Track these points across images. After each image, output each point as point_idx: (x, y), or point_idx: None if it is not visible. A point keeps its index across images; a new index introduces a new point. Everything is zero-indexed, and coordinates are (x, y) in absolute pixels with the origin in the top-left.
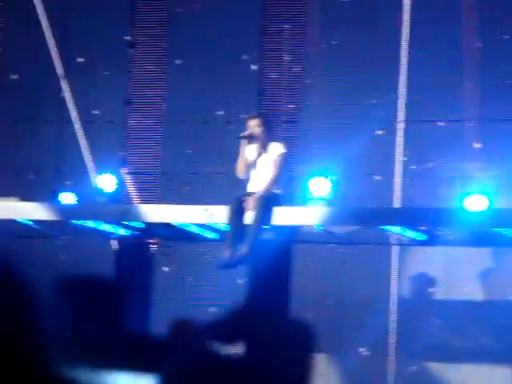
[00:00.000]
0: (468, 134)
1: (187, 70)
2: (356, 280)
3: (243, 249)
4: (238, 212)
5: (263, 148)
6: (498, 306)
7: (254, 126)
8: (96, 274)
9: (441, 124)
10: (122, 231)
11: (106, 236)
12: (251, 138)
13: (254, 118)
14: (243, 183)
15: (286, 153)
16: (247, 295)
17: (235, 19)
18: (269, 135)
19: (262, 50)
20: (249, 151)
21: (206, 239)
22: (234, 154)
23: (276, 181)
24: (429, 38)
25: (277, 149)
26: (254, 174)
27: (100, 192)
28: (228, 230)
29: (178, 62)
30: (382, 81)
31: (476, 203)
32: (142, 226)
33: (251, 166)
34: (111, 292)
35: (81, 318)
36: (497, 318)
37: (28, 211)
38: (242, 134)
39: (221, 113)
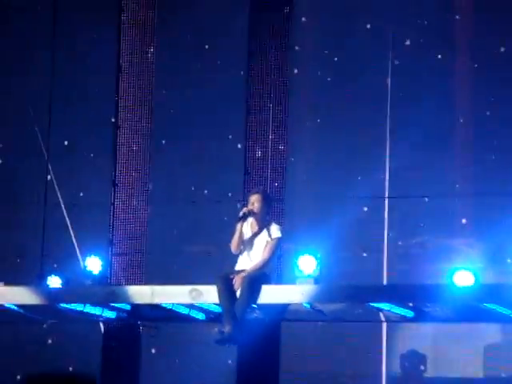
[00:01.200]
0: (454, 209)
1: (172, 151)
2: (345, 357)
3: (226, 328)
4: (228, 289)
5: (260, 226)
6: (492, 382)
7: (253, 201)
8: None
9: (427, 200)
10: (109, 314)
11: (93, 319)
12: (249, 214)
13: (255, 193)
14: (230, 262)
15: (281, 237)
16: (237, 375)
17: (221, 98)
18: (267, 213)
19: (247, 129)
20: (245, 227)
21: (194, 319)
22: (220, 233)
23: (267, 263)
24: (412, 116)
25: (274, 231)
26: (246, 251)
27: (87, 274)
28: (222, 307)
29: (163, 141)
30: (368, 158)
31: (463, 278)
32: (129, 307)
33: (245, 242)
34: None
35: None
36: None
37: (13, 296)
38: (242, 212)
39: (207, 192)
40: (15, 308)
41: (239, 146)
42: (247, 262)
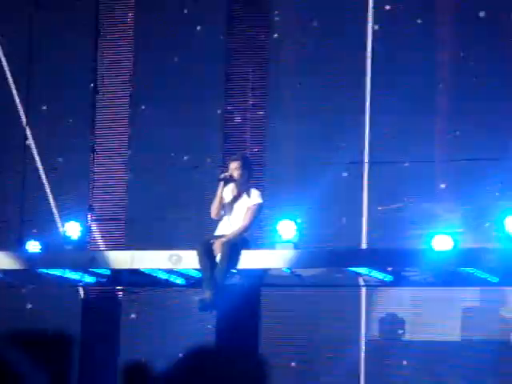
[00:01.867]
0: (434, 174)
1: (152, 116)
2: (325, 322)
3: (206, 293)
4: (208, 255)
5: (241, 192)
6: (465, 346)
7: (234, 168)
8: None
9: (406, 165)
10: (88, 279)
11: (73, 284)
12: (230, 180)
13: (235, 160)
14: (210, 228)
15: (261, 203)
16: (216, 340)
17: (200, 64)
18: (248, 179)
19: (226, 95)
20: (226, 193)
21: (173, 284)
22: (200, 199)
23: (248, 229)
24: (392, 81)
25: (254, 197)
26: (227, 216)
27: (67, 239)
28: (203, 273)
29: (142, 107)
30: (348, 124)
31: (442, 243)
32: (109, 273)
33: (226, 207)
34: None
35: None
36: (465, 358)
37: None
38: (221, 176)
39: (186, 157)
40: None
41: (218, 111)
42: (227, 227)
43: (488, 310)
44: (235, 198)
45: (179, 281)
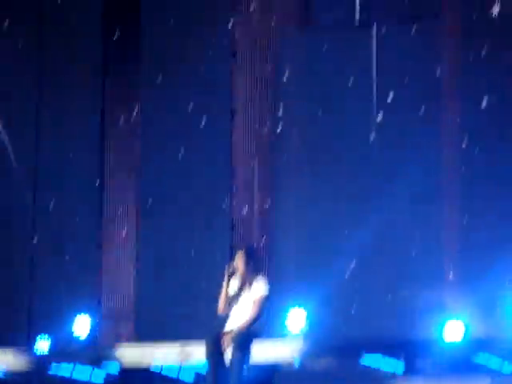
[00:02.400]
0: (442, 261)
1: (160, 212)
2: None
3: None
4: (216, 351)
5: (246, 282)
6: None
7: (237, 258)
8: None
9: (413, 254)
10: (97, 378)
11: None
12: (235, 272)
13: (238, 250)
14: (220, 323)
15: (267, 294)
16: None
17: (207, 164)
18: (253, 270)
19: (232, 188)
20: (232, 285)
21: (183, 382)
22: (209, 291)
23: (254, 321)
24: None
25: (260, 288)
26: (234, 310)
27: (76, 336)
28: (208, 369)
29: (149, 200)
30: (353, 211)
31: (453, 333)
32: (117, 370)
33: (233, 301)
34: None
35: None
36: None
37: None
38: (227, 272)
39: (193, 253)
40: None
41: (223, 206)
42: (235, 321)
43: None
44: (241, 289)
45: (189, 377)
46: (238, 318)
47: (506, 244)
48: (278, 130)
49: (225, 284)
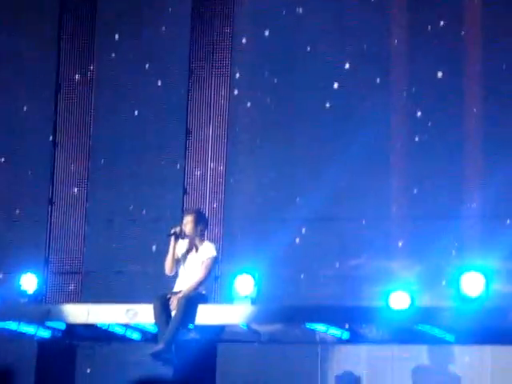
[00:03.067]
0: (391, 231)
1: (111, 170)
2: (282, 379)
3: (159, 345)
4: (165, 310)
5: (194, 246)
6: None
7: (186, 222)
8: None
9: (363, 221)
10: (43, 333)
11: (28, 338)
12: (181, 234)
13: (187, 214)
14: (169, 283)
15: (216, 256)
16: None
17: (160, 119)
18: (201, 233)
19: (186, 149)
20: (179, 247)
21: (130, 339)
22: (159, 253)
23: (203, 283)
24: (352, 139)
25: (208, 250)
26: (182, 271)
27: (22, 292)
28: (158, 328)
29: (102, 161)
30: (307, 180)
31: (399, 301)
32: (64, 327)
33: (180, 262)
34: None
35: None
36: None
37: None
38: (171, 231)
39: (145, 211)
40: None
41: (178, 165)
42: (184, 282)
43: (443, 369)
44: (188, 252)
45: (135, 335)
46: (187, 279)
47: (452, 214)
48: (235, 93)
49: (171, 245)
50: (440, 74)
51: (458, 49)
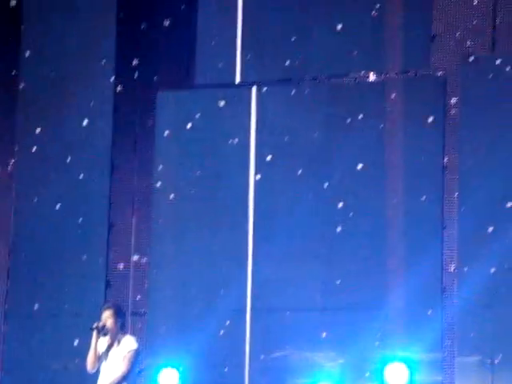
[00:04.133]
0: (315, 322)
1: (31, 264)
2: None
3: None
4: None
5: (115, 340)
6: None
7: (106, 317)
8: None
9: (287, 313)
10: None
11: None
12: (103, 330)
13: (106, 308)
14: (91, 380)
15: (138, 349)
16: None
17: (82, 212)
18: (121, 327)
19: (108, 241)
20: (101, 343)
21: None
22: (83, 349)
23: (126, 377)
24: (275, 229)
25: (129, 343)
26: (104, 367)
27: None
28: None
29: (23, 255)
30: (230, 270)
31: None
32: None
33: (102, 358)
34: None
35: None
36: None
37: None
38: (93, 326)
39: (67, 305)
40: None
41: (100, 260)
42: (106, 378)
43: None
44: (110, 348)
45: None
46: (108, 374)
47: (375, 305)
48: (158, 185)
49: (93, 340)
50: (360, 166)
51: (379, 141)
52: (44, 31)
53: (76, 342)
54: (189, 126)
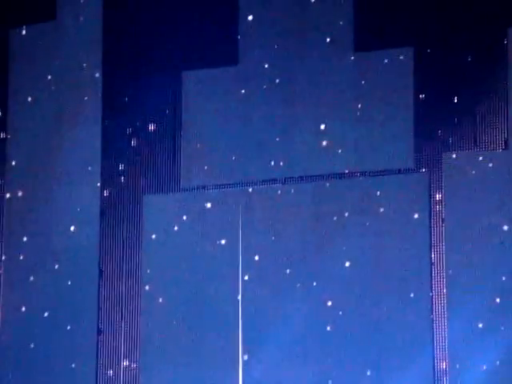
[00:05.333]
0: None
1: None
2: None
3: None
4: None
5: None
6: None
7: None
8: None
9: None
10: None
11: None
12: None
13: None
14: None
15: None
16: None
17: (70, 320)
18: None
19: (98, 349)
20: None
21: None
22: None
23: None
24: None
25: None
26: None
27: None
28: None
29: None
30: (220, 376)
31: None
32: None
33: None
34: None
35: None
36: None
37: None
38: None
39: None
40: None
41: (89, 367)
42: None
43: None
44: None
45: None
46: None
47: None
48: (146, 289)
49: None
50: (348, 264)
51: (366, 239)
52: (31, 143)
53: None
54: (176, 228)
